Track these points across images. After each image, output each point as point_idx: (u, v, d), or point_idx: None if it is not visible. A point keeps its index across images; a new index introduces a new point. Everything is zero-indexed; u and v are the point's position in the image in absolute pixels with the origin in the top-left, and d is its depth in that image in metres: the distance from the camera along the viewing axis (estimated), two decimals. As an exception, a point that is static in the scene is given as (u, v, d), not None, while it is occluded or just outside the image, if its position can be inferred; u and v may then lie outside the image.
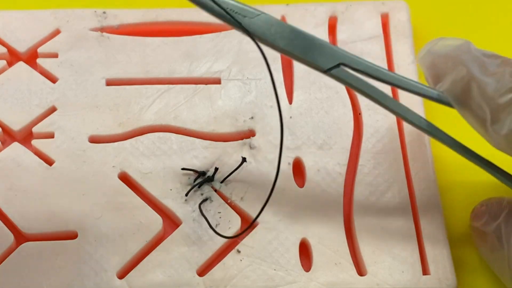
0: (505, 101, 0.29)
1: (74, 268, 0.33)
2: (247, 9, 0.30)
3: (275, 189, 0.35)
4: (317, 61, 0.31)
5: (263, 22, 0.30)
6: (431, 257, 0.33)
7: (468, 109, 0.30)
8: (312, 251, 0.34)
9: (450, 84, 0.31)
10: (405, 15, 0.40)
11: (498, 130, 0.29)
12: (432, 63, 0.32)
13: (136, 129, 0.37)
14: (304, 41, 0.31)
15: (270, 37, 0.30)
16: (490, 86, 0.29)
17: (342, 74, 0.31)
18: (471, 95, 0.30)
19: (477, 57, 0.30)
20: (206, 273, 0.33)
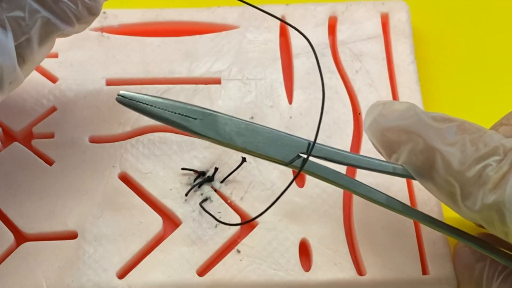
0: (473, 174, 0.27)
1: (73, 268, 0.33)
2: (196, 110, 0.29)
3: (274, 189, 0.35)
4: (278, 155, 0.30)
5: (216, 122, 0.29)
6: (430, 257, 0.33)
7: (433, 183, 0.28)
8: (312, 251, 0.34)
9: (408, 156, 0.29)
10: (405, 15, 0.40)
11: (471, 206, 0.27)
12: (382, 134, 0.31)
13: (136, 129, 0.37)
14: (262, 135, 0.29)
15: (226, 136, 0.29)
16: (455, 158, 0.27)
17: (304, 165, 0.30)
18: (435, 168, 0.28)
19: (430, 125, 0.29)
20: (206, 273, 0.33)
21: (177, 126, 0.29)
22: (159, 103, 0.29)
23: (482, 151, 0.27)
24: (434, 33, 0.42)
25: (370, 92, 0.38)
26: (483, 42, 0.42)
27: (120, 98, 0.29)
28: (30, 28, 0.28)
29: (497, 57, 0.41)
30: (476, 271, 0.31)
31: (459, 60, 0.41)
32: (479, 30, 0.42)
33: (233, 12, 0.40)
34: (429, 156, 0.28)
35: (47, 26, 0.29)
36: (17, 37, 0.28)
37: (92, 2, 0.30)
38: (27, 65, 0.30)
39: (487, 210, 0.26)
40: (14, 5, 0.28)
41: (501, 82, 0.41)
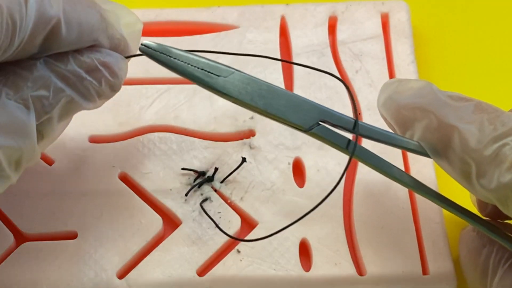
0: (490, 153, 0.27)
1: (74, 268, 0.33)
2: (220, 67, 0.29)
3: (274, 189, 0.35)
4: (298, 120, 0.29)
5: (238, 81, 0.29)
6: (431, 257, 0.33)
7: (448, 161, 0.29)
8: (312, 251, 0.34)
9: (422, 133, 0.29)
10: (405, 15, 0.40)
11: (486, 184, 0.27)
12: (397, 111, 0.30)
13: (136, 129, 0.37)
14: (282, 99, 0.29)
15: (247, 97, 0.29)
16: (472, 136, 0.27)
17: (323, 132, 0.29)
18: (451, 146, 0.28)
19: (447, 103, 0.29)
20: (206, 273, 0.33)
21: (199, 82, 0.29)
22: (184, 57, 0.29)
23: (500, 130, 0.27)
24: (434, 33, 0.42)
25: (370, 92, 0.38)
26: (483, 42, 0.42)
27: (143, 48, 0.29)
28: (53, 107, 0.28)
29: (497, 57, 0.41)
30: (482, 256, 0.31)
31: (459, 60, 0.41)
32: (479, 30, 0.42)
33: (233, 12, 0.40)
34: (445, 134, 0.28)
35: (69, 104, 0.28)
36: (40, 116, 0.27)
37: (116, 80, 0.30)
38: (45, 141, 0.29)
39: (503, 189, 0.26)
40: (39, 84, 0.27)
41: (501, 82, 0.41)
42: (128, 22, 0.31)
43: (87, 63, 0.28)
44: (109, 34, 0.29)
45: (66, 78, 0.28)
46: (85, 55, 0.28)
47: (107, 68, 0.29)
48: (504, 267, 0.30)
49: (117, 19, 0.30)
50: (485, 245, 0.31)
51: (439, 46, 0.42)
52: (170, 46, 0.29)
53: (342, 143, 0.30)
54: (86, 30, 0.28)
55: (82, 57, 0.28)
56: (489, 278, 0.30)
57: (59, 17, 0.26)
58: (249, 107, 0.29)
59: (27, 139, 0.27)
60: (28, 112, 0.27)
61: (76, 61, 0.28)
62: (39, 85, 0.27)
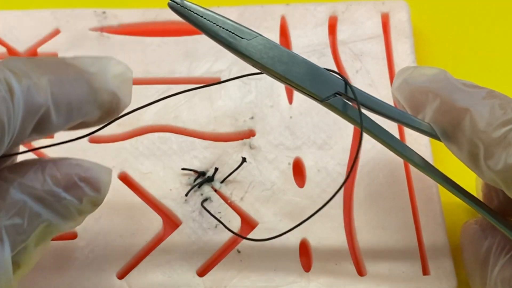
0: (499, 135, 0.27)
1: (73, 269, 0.33)
2: (245, 30, 0.29)
3: (275, 189, 0.35)
4: (315, 89, 0.29)
5: (261, 45, 0.29)
6: (431, 257, 0.33)
7: (457, 143, 0.29)
8: (312, 251, 0.34)
9: (433, 116, 0.30)
10: (405, 15, 0.40)
11: (493, 165, 0.27)
12: (411, 94, 0.31)
13: (136, 129, 0.37)
14: (302, 67, 0.29)
15: (269, 61, 0.29)
16: (482, 119, 0.28)
17: (338, 104, 0.30)
18: (461, 128, 0.29)
19: (460, 88, 0.29)
20: (206, 273, 0.33)
21: (224, 42, 0.29)
22: (210, 16, 0.29)
23: (510, 115, 0.28)
24: (434, 33, 0.42)
25: (370, 92, 0.38)
26: (483, 42, 0.42)
27: (172, 3, 0.28)
28: (29, 234, 0.25)
29: (497, 56, 0.41)
30: (484, 248, 0.31)
31: (459, 60, 0.41)
32: (479, 30, 0.42)
33: (233, 12, 0.40)
34: (456, 117, 0.29)
35: (47, 228, 0.26)
36: (15, 246, 0.25)
37: (98, 194, 0.27)
38: (22, 270, 0.26)
39: (509, 171, 0.27)
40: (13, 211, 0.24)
41: (501, 81, 0.41)
42: (117, 73, 0.29)
43: (65, 180, 0.26)
44: (99, 102, 0.27)
45: (42, 199, 0.25)
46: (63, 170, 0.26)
47: (88, 183, 0.27)
48: (505, 259, 0.30)
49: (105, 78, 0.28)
50: (487, 237, 0.32)
51: (439, 46, 0.42)
52: (198, 4, 0.29)
53: (356, 116, 0.30)
54: (75, 108, 0.26)
55: (59, 173, 0.26)
56: (489, 269, 0.31)
57: (47, 105, 0.25)
58: (268, 71, 0.29)
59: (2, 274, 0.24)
60: (1, 245, 0.24)
61: (53, 180, 0.26)
62: (13, 213, 0.24)
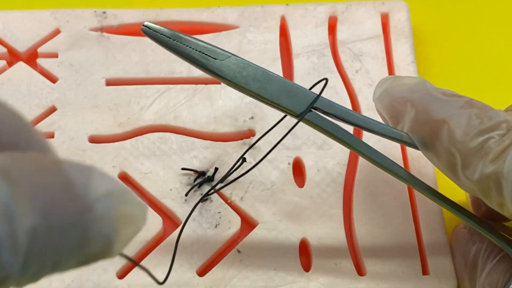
0: (475, 145, 0.27)
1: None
2: (218, 51, 0.29)
3: (274, 189, 0.35)
4: (290, 106, 0.30)
5: (234, 65, 0.29)
6: (431, 257, 0.33)
7: (435, 153, 0.29)
8: (312, 251, 0.34)
9: (412, 126, 0.30)
10: (405, 15, 0.40)
11: (470, 175, 0.27)
12: (390, 104, 0.31)
13: (136, 129, 0.37)
14: (276, 84, 0.30)
15: (242, 80, 0.29)
16: (459, 129, 0.28)
17: (314, 119, 0.30)
18: (439, 139, 0.29)
19: (438, 98, 0.29)
20: (206, 273, 0.33)
21: (197, 64, 0.29)
22: (182, 39, 0.29)
23: (487, 124, 0.28)
24: (434, 33, 0.42)
25: (370, 92, 0.38)
26: (483, 42, 0.42)
27: (145, 28, 0.29)
28: None
29: (497, 56, 0.41)
30: (472, 253, 0.32)
31: (459, 60, 0.41)
32: (479, 30, 0.42)
33: (233, 12, 0.40)
34: (434, 127, 0.29)
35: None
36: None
37: None
38: None
39: (485, 180, 0.27)
40: None
41: (501, 81, 0.41)
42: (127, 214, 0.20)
43: None
44: None
45: None
46: None
47: None
48: (492, 263, 0.30)
49: None
50: (475, 242, 0.32)
51: (439, 46, 0.42)
52: (171, 28, 0.30)
53: (333, 130, 0.30)
54: None
55: None
56: (478, 273, 0.31)
57: None
58: (243, 90, 0.30)
59: None
60: None
61: None
62: None
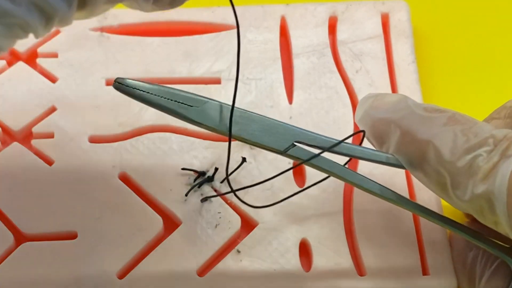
0: (463, 164, 0.27)
1: (73, 268, 0.33)
2: (194, 98, 0.29)
3: (275, 189, 0.35)
4: (273, 143, 0.30)
5: (212, 110, 0.29)
6: (431, 257, 0.33)
7: (424, 173, 0.29)
8: (312, 252, 0.34)
9: (397, 147, 0.30)
10: (405, 15, 0.40)
11: (461, 195, 0.27)
12: (373, 126, 0.31)
13: (136, 129, 0.37)
14: (256, 124, 0.30)
15: (221, 124, 0.29)
16: (445, 148, 0.27)
17: (298, 153, 0.30)
18: (426, 159, 0.28)
19: (421, 116, 0.29)
20: (206, 273, 0.33)
21: (174, 113, 0.29)
22: (156, 90, 0.29)
23: (473, 141, 0.27)
24: (435, 33, 0.42)
25: (370, 92, 0.38)
26: (483, 42, 0.42)
27: (117, 84, 0.29)
28: None
29: (497, 57, 0.41)
30: (469, 259, 0.31)
31: (459, 60, 0.41)
32: (479, 30, 0.42)
33: (233, 12, 0.40)
34: (420, 147, 0.28)
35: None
36: None
37: None
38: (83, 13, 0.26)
39: (477, 200, 0.27)
40: None
41: (501, 81, 0.41)
42: None
43: None
44: None
45: None
46: None
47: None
48: (490, 270, 0.30)
49: None
50: (472, 248, 0.32)
51: (439, 46, 0.42)
52: (142, 81, 0.29)
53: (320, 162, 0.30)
54: None
55: None
56: (476, 280, 0.31)
57: None
58: (224, 134, 0.30)
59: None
60: None
61: None
62: None
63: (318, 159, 0.30)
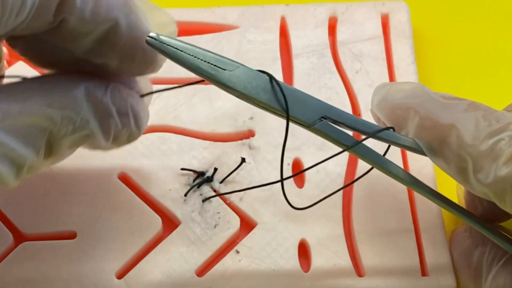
0: (486, 148, 0.27)
1: (72, 268, 0.33)
2: (226, 61, 0.29)
3: (274, 190, 0.35)
4: (301, 115, 0.29)
5: (243, 75, 0.29)
6: (430, 258, 0.33)
7: (444, 158, 0.29)
8: (311, 252, 0.34)
9: (417, 132, 0.30)
10: (405, 15, 0.40)
11: (483, 179, 0.27)
12: (391, 111, 0.31)
13: (136, 129, 0.37)
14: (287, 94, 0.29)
15: (252, 91, 0.29)
16: (468, 133, 0.28)
17: (325, 128, 0.30)
18: (447, 143, 0.28)
19: (440, 102, 0.29)
20: (205, 273, 0.33)
21: (205, 75, 0.28)
22: (190, 50, 0.28)
23: (495, 126, 0.27)
24: (434, 33, 0.42)
25: (370, 93, 0.38)
26: (483, 43, 0.42)
27: (150, 40, 0.28)
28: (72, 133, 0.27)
29: (497, 57, 0.41)
30: (475, 256, 0.31)
31: (459, 61, 0.41)
32: (479, 31, 0.42)
33: (233, 12, 0.40)
34: (441, 132, 0.29)
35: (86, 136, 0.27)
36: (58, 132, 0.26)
37: (136, 130, 0.29)
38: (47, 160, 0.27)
39: (500, 183, 0.27)
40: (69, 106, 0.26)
41: (501, 82, 0.41)
42: (160, 22, 0.29)
43: (120, 103, 0.28)
44: (130, 21, 0.26)
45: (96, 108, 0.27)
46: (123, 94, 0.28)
47: (135, 117, 0.29)
48: (497, 266, 0.30)
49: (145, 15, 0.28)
50: (478, 245, 0.32)
51: (439, 46, 0.42)
52: (177, 39, 0.29)
53: (343, 139, 0.30)
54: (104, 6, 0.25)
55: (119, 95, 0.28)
56: (483, 277, 0.31)
57: None
58: (253, 101, 0.29)
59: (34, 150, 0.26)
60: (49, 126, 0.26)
61: (112, 96, 0.27)
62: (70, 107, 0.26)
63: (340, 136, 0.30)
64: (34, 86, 0.26)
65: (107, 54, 0.27)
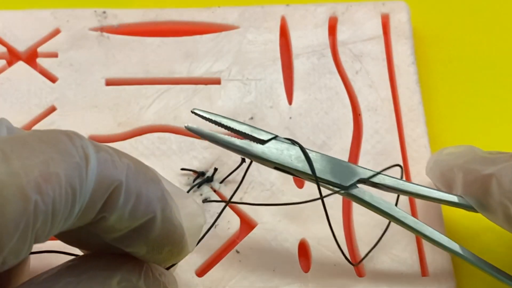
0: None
1: (73, 268, 0.33)
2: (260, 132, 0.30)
3: (274, 190, 0.35)
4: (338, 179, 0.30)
5: (275, 146, 0.30)
6: (430, 258, 0.33)
7: (490, 209, 0.29)
8: (311, 252, 0.34)
9: (463, 188, 0.30)
10: (405, 15, 0.40)
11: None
12: (441, 173, 0.32)
13: (136, 129, 0.37)
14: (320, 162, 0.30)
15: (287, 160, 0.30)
16: (507, 179, 0.28)
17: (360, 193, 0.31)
18: (490, 194, 0.29)
19: (484, 157, 0.30)
20: (205, 273, 0.33)
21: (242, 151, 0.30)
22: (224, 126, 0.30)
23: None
24: (435, 34, 0.42)
25: (370, 93, 0.38)
26: (483, 43, 0.42)
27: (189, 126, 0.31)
28: None
29: (497, 57, 0.41)
30: None
31: (459, 61, 0.41)
32: (480, 31, 0.42)
33: (233, 12, 0.40)
34: (483, 184, 0.29)
35: None
36: None
37: None
38: None
39: None
40: None
41: (501, 82, 0.41)
42: (190, 212, 0.27)
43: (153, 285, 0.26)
44: (165, 215, 0.25)
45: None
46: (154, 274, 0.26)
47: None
48: None
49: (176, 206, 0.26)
50: None
51: (439, 47, 0.42)
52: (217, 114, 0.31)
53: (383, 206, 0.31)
54: (143, 203, 0.24)
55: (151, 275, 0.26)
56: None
57: (120, 181, 0.23)
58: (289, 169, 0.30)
59: None
60: None
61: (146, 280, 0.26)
62: None
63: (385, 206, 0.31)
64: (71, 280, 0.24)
65: (138, 245, 0.26)
